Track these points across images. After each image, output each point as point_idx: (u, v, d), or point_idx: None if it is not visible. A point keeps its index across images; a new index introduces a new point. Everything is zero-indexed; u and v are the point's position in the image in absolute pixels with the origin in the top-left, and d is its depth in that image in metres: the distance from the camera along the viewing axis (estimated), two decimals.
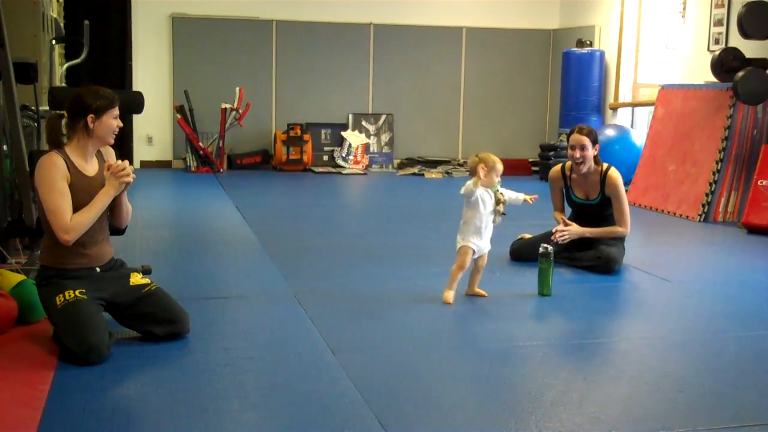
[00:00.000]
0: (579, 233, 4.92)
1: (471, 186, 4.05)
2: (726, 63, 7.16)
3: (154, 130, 9.96)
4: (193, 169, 9.67)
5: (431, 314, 3.97)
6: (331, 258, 5.19)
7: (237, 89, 9.67)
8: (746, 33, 6.86)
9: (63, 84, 7.33)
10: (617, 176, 4.92)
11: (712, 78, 7.40)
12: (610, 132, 8.80)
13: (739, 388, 3.05)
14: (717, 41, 7.94)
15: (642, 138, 8.51)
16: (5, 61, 4.39)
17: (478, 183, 4.04)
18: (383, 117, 10.59)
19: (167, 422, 2.66)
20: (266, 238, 5.70)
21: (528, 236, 5.20)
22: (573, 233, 4.90)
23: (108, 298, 3.38)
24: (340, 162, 10.28)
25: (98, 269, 3.41)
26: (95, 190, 3.34)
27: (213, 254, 5.33)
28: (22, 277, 3.78)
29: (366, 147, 10.38)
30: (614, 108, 9.71)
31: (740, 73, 6.70)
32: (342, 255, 5.28)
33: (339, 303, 4.11)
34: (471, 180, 4.08)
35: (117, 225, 3.60)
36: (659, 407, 2.86)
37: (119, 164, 3.36)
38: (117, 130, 3.42)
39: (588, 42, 9.94)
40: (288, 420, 2.70)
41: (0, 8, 4.34)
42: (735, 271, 5.25)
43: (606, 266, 4.83)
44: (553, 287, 4.29)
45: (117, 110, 3.38)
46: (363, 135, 10.41)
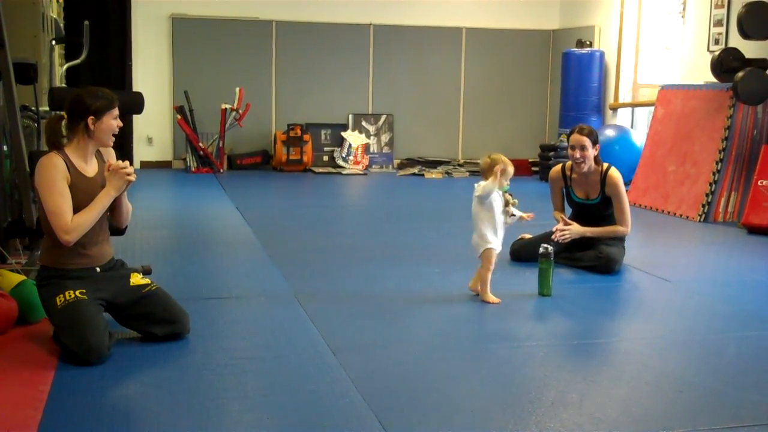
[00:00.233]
0: (580, 233, 4.92)
1: (490, 186, 4.04)
2: (726, 63, 7.16)
3: (154, 131, 9.96)
4: (193, 170, 9.67)
5: (431, 314, 3.98)
6: (332, 258, 5.19)
7: (237, 90, 9.67)
8: (746, 33, 6.86)
9: (63, 84, 7.32)
10: (617, 176, 4.92)
11: (712, 78, 7.40)
12: (610, 132, 8.80)
13: (739, 388, 3.05)
14: (717, 41, 7.94)
15: (642, 138, 8.51)
16: (5, 62, 4.40)
17: (496, 183, 4.05)
18: (383, 117, 10.59)
19: (167, 422, 2.66)
20: (266, 239, 5.70)
21: (528, 236, 5.21)
22: (574, 233, 4.90)
23: (108, 299, 3.38)
24: (341, 162, 10.28)
25: (98, 269, 3.41)
26: (95, 191, 3.34)
27: (213, 254, 5.33)
28: (23, 278, 3.79)
29: (366, 147, 10.38)
30: (614, 108, 9.71)
31: (740, 74, 6.70)
32: (342, 255, 5.28)
33: (339, 303, 4.12)
34: (487, 181, 4.07)
35: (117, 225, 3.60)
36: (659, 407, 2.86)
37: (120, 163, 3.37)
38: (117, 131, 3.43)
39: (588, 42, 9.94)
40: (288, 420, 2.70)
41: (0, 9, 4.34)
42: (735, 272, 5.25)
43: (606, 266, 4.83)
44: (553, 287, 4.29)
45: (117, 111, 3.38)
46: (363, 135, 10.41)
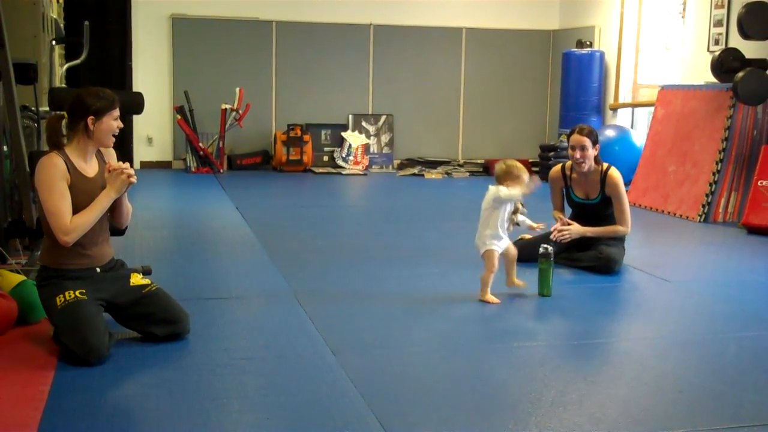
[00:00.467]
0: (580, 232, 4.92)
1: (517, 194, 4.10)
2: (726, 63, 7.16)
3: (154, 131, 9.96)
4: (193, 170, 9.67)
5: (431, 315, 3.98)
6: (332, 258, 5.19)
7: (237, 90, 9.67)
8: (746, 34, 6.86)
9: (63, 85, 7.33)
10: (617, 176, 4.92)
11: (712, 78, 7.40)
12: (610, 132, 8.80)
13: (739, 389, 3.05)
14: (717, 42, 7.94)
15: (642, 138, 8.51)
16: (5, 62, 4.40)
17: (521, 191, 4.11)
18: (383, 117, 10.59)
19: (167, 422, 2.66)
20: (266, 239, 5.70)
21: (528, 237, 5.20)
22: (574, 233, 4.90)
23: (108, 299, 3.38)
24: (341, 162, 10.28)
25: (98, 270, 3.41)
26: (95, 192, 3.34)
27: (213, 255, 5.33)
28: (23, 278, 3.79)
29: (366, 147, 10.38)
30: (614, 108, 9.71)
31: (740, 74, 6.70)
32: (342, 255, 5.28)
33: (339, 303, 4.12)
34: (515, 189, 4.10)
35: (117, 225, 3.60)
36: (659, 407, 2.86)
37: (121, 164, 3.37)
38: (117, 132, 3.42)
39: (588, 42, 9.94)
40: (288, 420, 2.70)
41: (0, 9, 4.34)
42: (735, 272, 5.25)
43: (606, 266, 4.83)
44: (553, 287, 4.29)
45: (117, 112, 3.38)
46: (363, 135, 10.41)
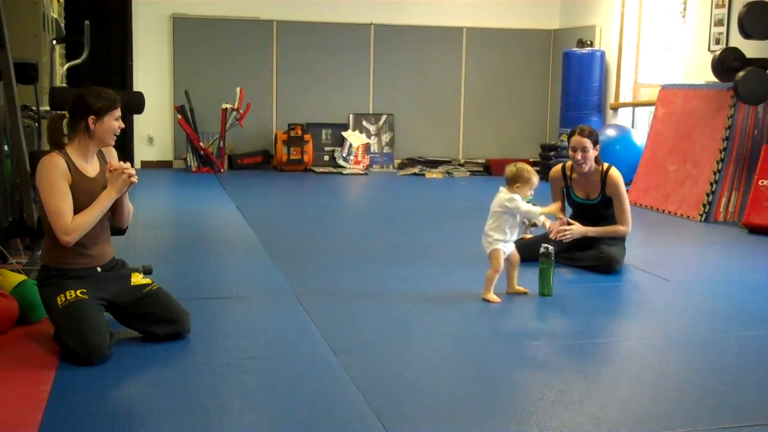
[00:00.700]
0: (581, 232, 4.92)
1: (533, 214, 4.17)
2: (726, 63, 7.16)
3: (155, 131, 9.97)
4: (194, 170, 9.67)
5: (432, 314, 3.98)
6: (332, 258, 5.19)
7: (238, 89, 9.67)
8: (747, 33, 6.86)
9: (63, 84, 7.33)
10: (618, 176, 4.92)
11: (713, 78, 7.40)
12: (611, 132, 8.80)
13: (740, 388, 3.05)
14: (717, 41, 7.94)
15: (643, 138, 8.51)
16: (6, 62, 4.40)
17: (538, 211, 4.19)
18: (384, 117, 10.59)
19: (168, 422, 2.66)
20: (267, 238, 5.70)
21: (529, 236, 5.20)
22: (575, 232, 4.89)
23: (109, 298, 3.38)
24: (341, 162, 10.28)
25: (99, 269, 3.41)
26: (96, 191, 3.34)
27: (214, 254, 5.33)
28: (23, 277, 3.79)
29: (367, 147, 10.38)
30: (615, 108, 9.71)
31: (741, 73, 6.70)
32: (343, 255, 5.28)
33: (340, 303, 4.12)
34: (534, 208, 4.17)
35: (118, 225, 3.60)
36: (660, 407, 2.86)
37: (122, 164, 3.37)
38: (118, 132, 3.42)
39: (588, 42, 9.94)
40: (289, 420, 2.70)
41: (1, 8, 4.34)
42: (736, 271, 5.25)
43: (607, 266, 4.83)
44: (554, 287, 4.29)
45: (119, 112, 3.37)
46: (364, 135, 10.41)
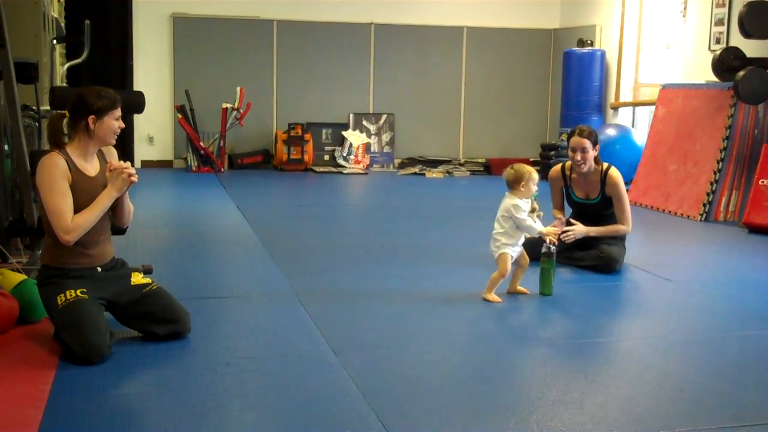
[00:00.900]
0: (584, 232, 4.91)
1: (533, 231, 4.18)
2: (727, 62, 7.16)
3: (155, 130, 9.96)
4: (194, 169, 9.67)
5: (433, 314, 3.97)
6: (333, 257, 5.19)
7: (238, 89, 9.67)
8: (747, 32, 6.85)
9: (64, 84, 7.33)
10: (617, 176, 4.92)
11: (713, 77, 7.40)
12: (611, 131, 8.80)
13: (741, 388, 3.05)
14: (718, 41, 7.94)
15: (643, 137, 8.51)
16: (6, 61, 4.40)
17: (540, 232, 4.21)
18: (384, 116, 10.59)
19: (168, 421, 2.66)
20: (267, 238, 5.70)
21: (529, 236, 5.20)
22: (578, 233, 4.89)
23: (109, 298, 3.38)
24: (341, 162, 10.28)
25: (99, 269, 3.41)
26: (97, 191, 3.34)
27: (214, 254, 5.33)
28: (24, 277, 3.79)
29: (367, 147, 10.38)
30: (615, 107, 9.71)
31: (741, 73, 6.70)
32: (343, 254, 5.28)
33: (340, 302, 4.12)
34: (536, 225, 4.19)
35: (119, 225, 3.60)
36: (660, 407, 2.86)
37: (122, 164, 3.37)
38: (119, 132, 3.42)
39: (589, 41, 9.94)
40: (289, 420, 2.70)
41: (1, 8, 4.34)
42: (736, 271, 5.25)
43: (607, 265, 4.83)
44: (555, 287, 4.29)
45: (119, 111, 3.37)
46: (364, 135, 10.41)
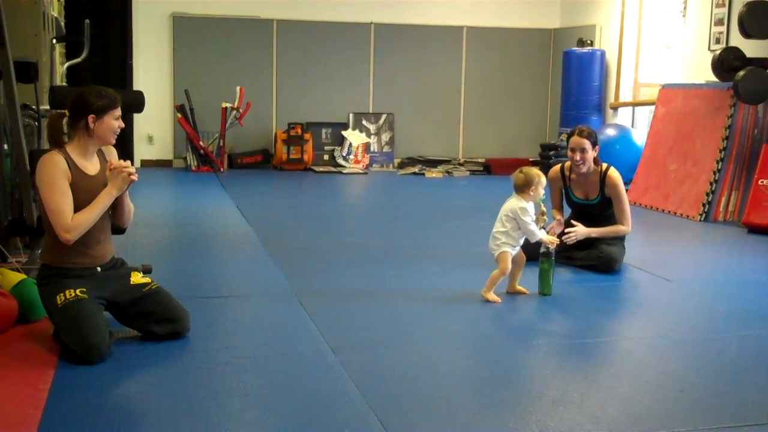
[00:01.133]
0: (585, 234, 4.91)
1: (537, 237, 4.17)
2: (727, 62, 7.16)
3: (155, 130, 9.96)
4: (194, 169, 9.67)
5: (432, 314, 3.97)
6: (332, 257, 5.19)
7: (237, 88, 9.67)
8: (747, 32, 6.85)
9: (63, 83, 7.32)
10: (617, 176, 4.92)
11: (713, 77, 7.40)
12: (611, 131, 8.79)
13: (740, 388, 3.05)
14: (718, 41, 7.94)
15: (643, 137, 8.50)
16: (6, 60, 4.39)
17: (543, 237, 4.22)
18: (384, 116, 10.59)
19: (168, 421, 2.66)
20: (267, 238, 5.70)
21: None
22: (580, 234, 4.89)
23: (109, 297, 3.38)
24: (341, 161, 10.28)
25: (99, 269, 3.41)
26: (97, 190, 3.34)
27: (213, 253, 5.33)
28: (23, 276, 3.79)
29: (366, 146, 10.38)
30: (615, 107, 9.71)
31: (741, 73, 6.70)
32: (343, 254, 5.27)
33: (340, 302, 4.11)
34: (541, 233, 4.19)
35: (119, 224, 3.60)
36: (660, 406, 2.86)
37: (122, 162, 3.37)
38: (118, 131, 3.42)
39: (589, 41, 9.94)
40: (288, 419, 2.70)
41: (1, 7, 4.34)
42: (736, 271, 5.25)
43: (607, 265, 4.83)
44: (554, 287, 4.29)
45: (119, 111, 3.37)
46: (363, 134, 10.41)
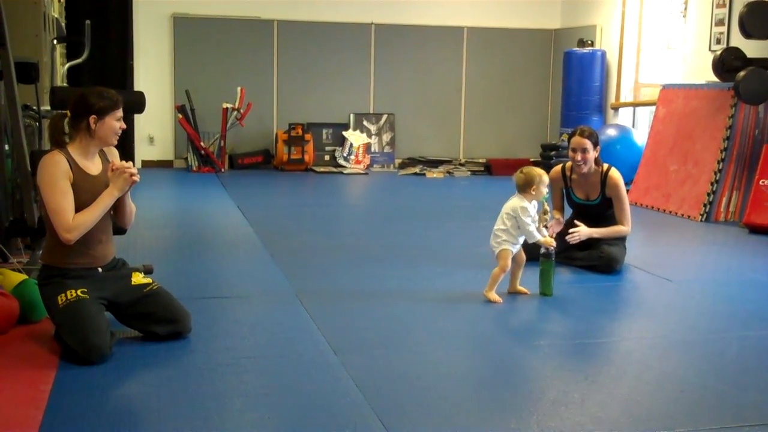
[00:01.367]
0: (588, 234, 4.91)
1: (534, 238, 4.18)
2: (727, 63, 7.16)
3: (156, 130, 9.96)
4: (195, 169, 9.67)
5: (433, 314, 3.97)
6: (333, 258, 5.19)
7: (238, 89, 9.67)
8: (747, 33, 6.85)
9: (64, 84, 7.32)
10: (618, 177, 4.92)
11: (714, 78, 7.39)
12: (612, 132, 8.79)
13: (741, 388, 3.05)
14: (718, 41, 7.94)
15: (643, 138, 8.50)
16: (7, 61, 4.40)
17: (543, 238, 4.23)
18: (384, 117, 10.59)
19: (169, 421, 2.66)
20: (268, 238, 5.70)
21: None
22: (582, 234, 4.89)
23: (110, 298, 3.38)
24: (342, 162, 10.28)
25: (100, 270, 3.41)
26: (98, 190, 3.34)
27: (214, 254, 5.33)
28: (24, 277, 3.79)
29: (367, 147, 10.38)
30: (615, 108, 9.71)
31: (741, 73, 6.69)
32: (343, 255, 5.28)
33: (341, 303, 4.12)
34: (540, 235, 4.19)
35: (121, 225, 3.60)
36: (660, 407, 2.86)
37: (124, 163, 3.37)
38: (120, 132, 3.42)
39: (589, 42, 9.94)
40: (289, 420, 2.70)
41: (1, 8, 4.34)
42: (736, 271, 5.25)
43: (607, 266, 4.83)
44: (554, 287, 4.29)
45: (120, 112, 3.38)
46: (364, 135, 10.41)
